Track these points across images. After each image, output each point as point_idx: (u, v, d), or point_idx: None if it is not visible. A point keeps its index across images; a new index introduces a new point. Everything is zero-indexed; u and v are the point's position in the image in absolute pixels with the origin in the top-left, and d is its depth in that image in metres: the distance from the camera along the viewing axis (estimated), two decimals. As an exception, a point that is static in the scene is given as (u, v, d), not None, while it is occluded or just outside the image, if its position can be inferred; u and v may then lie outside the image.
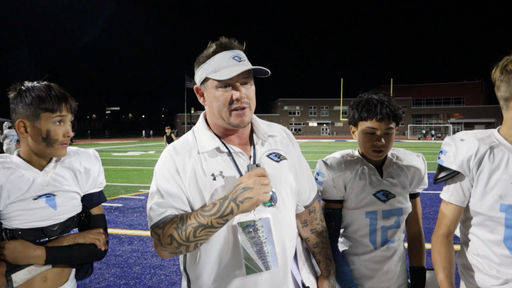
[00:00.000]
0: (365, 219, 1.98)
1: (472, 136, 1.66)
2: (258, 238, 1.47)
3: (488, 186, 1.59)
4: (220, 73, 1.48)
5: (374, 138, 1.92)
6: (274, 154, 1.64)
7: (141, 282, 4.49)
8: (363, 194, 1.98)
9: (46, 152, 1.70)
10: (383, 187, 1.99)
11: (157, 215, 1.47)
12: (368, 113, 1.92)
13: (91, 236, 1.76)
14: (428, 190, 10.43)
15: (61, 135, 1.69)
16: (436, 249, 1.75)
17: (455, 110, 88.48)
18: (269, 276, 1.53)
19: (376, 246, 2.00)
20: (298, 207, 1.76)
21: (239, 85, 1.50)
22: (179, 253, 1.46)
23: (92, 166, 1.86)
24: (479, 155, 1.61)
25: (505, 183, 1.56)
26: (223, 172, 1.52)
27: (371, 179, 1.99)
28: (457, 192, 1.70)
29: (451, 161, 1.68)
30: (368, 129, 1.93)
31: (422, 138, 61.29)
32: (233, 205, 1.38)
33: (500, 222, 1.58)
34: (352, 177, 1.99)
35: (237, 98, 1.49)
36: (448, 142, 1.72)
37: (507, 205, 1.55)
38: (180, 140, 1.64)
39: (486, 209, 1.61)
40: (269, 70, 1.53)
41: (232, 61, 1.50)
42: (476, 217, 1.68)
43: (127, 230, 6.68)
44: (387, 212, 1.97)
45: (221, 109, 1.51)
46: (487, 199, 1.60)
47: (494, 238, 1.61)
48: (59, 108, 1.67)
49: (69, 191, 1.75)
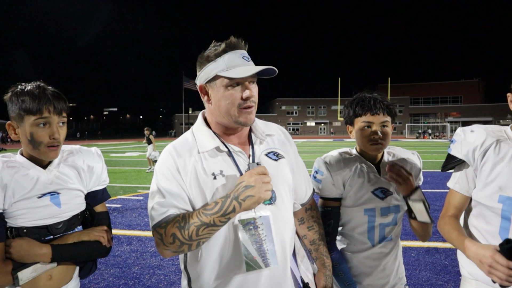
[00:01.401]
0: (364, 217, 2.01)
1: (483, 128, 1.75)
2: (258, 235, 1.49)
3: (490, 177, 1.65)
4: (233, 72, 1.49)
5: (371, 132, 1.96)
6: (272, 153, 1.66)
7: (140, 282, 4.51)
8: (361, 191, 2.00)
9: (35, 155, 1.69)
10: (381, 184, 2.01)
11: (159, 215, 1.48)
12: (362, 109, 1.98)
13: (96, 234, 1.77)
14: (427, 188, 10.47)
15: (46, 137, 1.65)
16: (443, 222, 1.80)
17: (452, 109, 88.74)
18: (269, 273, 1.55)
19: (373, 243, 2.02)
20: (295, 205, 1.78)
21: (248, 84, 1.53)
22: (181, 252, 1.47)
23: (95, 164, 1.88)
24: (485, 146, 1.68)
25: (506, 175, 1.62)
26: (224, 171, 1.54)
27: (369, 176, 2.02)
28: (461, 180, 1.78)
29: (458, 150, 1.77)
30: (364, 124, 1.98)
31: (420, 137, 61.46)
32: (235, 203, 1.40)
33: (497, 213, 1.64)
34: (350, 175, 2.02)
35: (248, 96, 1.52)
36: (458, 132, 1.81)
37: (506, 197, 1.61)
38: (180, 139, 1.65)
39: (485, 199, 1.67)
40: (275, 68, 1.55)
41: (242, 61, 1.52)
42: (476, 207, 1.75)
43: (126, 231, 6.70)
44: (385, 209, 2.00)
45: (230, 108, 1.53)
46: (487, 189, 1.66)
47: (491, 229, 1.66)
48: (40, 111, 1.63)
49: (73, 189, 1.77)
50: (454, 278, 4.47)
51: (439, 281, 4.43)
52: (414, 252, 5.41)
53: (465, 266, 1.80)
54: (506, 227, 1.63)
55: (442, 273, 4.64)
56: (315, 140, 55.22)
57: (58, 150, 1.72)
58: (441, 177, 12.64)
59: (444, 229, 1.79)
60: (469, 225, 1.80)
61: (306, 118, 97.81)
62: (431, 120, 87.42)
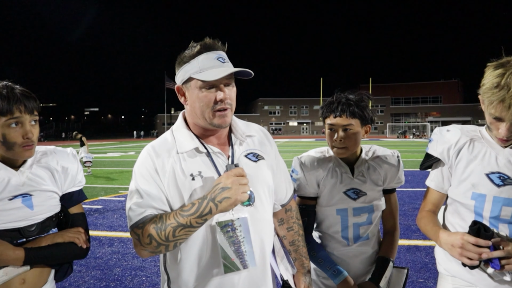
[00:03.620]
0: (337, 216, 2.05)
1: (458, 128, 1.82)
2: (236, 237, 1.49)
3: (464, 175, 1.72)
4: (205, 74, 1.48)
5: (334, 135, 1.98)
6: (252, 154, 1.66)
7: (122, 284, 4.46)
8: (333, 192, 2.03)
9: (9, 156, 1.66)
10: (354, 185, 2.04)
11: (136, 215, 1.47)
12: (327, 111, 2.01)
13: (70, 235, 1.74)
14: (407, 187, 10.61)
15: (19, 137, 1.62)
16: (421, 216, 1.87)
17: (432, 109, 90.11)
18: (248, 275, 1.55)
19: (349, 242, 2.06)
20: (275, 206, 1.78)
21: (223, 86, 1.51)
22: (158, 252, 1.46)
23: (70, 164, 1.84)
24: (459, 145, 1.75)
25: (479, 173, 1.68)
26: (202, 172, 1.53)
27: (342, 177, 2.04)
28: (437, 178, 1.85)
29: (434, 148, 1.83)
30: (329, 126, 2.02)
31: (401, 136, 62.26)
32: (212, 205, 1.39)
33: (470, 209, 1.70)
34: (324, 175, 2.05)
35: (221, 99, 1.50)
36: (436, 132, 1.88)
37: (478, 194, 1.67)
38: (159, 139, 1.64)
39: (459, 196, 1.73)
40: (249, 69, 1.54)
41: (216, 62, 1.51)
42: (451, 205, 1.81)
43: (107, 232, 6.62)
44: (357, 209, 2.04)
45: (205, 110, 1.52)
46: (461, 186, 1.72)
47: (465, 225, 1.71)
48: (11, 111, 1.59)
49: (46, 190, 1.73)
50: (434, 275, 4.53)
51: (420, 278, 4.49)
52: (395, 250, 5.45)
53: (442, 263, 1.84)
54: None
55: (423, 271, 4.70)
56: (297, 140, 55.45)
57: (33, 149, 1.68)
58: (421, 176, 12.81)
59: (421, 222, 1.86)
60: (446, 222, 1.86)
61: (288, 118, 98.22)
62: (411, 120, 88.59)
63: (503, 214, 1.63)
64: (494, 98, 1.53)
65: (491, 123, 1.63)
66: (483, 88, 1.59)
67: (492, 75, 1.56)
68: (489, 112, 1.59)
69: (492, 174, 1.65)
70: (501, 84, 1.51)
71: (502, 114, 1.54)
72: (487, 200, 1.64)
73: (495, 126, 1.62)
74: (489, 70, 1.59)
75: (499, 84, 1.51)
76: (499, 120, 1.58)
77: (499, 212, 1.63)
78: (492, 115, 1.58)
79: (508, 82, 1.49)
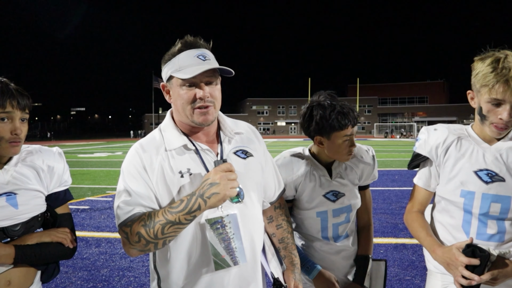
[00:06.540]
0: (317, 219, 2.06)
1: (445, 127, 1.84)
2: (226, 234, 1.49)
3: (452, 173, 1.74)
4: (183, 72, 1.49)
5: (350, 146, 1.98)
6: (241, 151, 1.66)
7: (109, 284, 4.42)
8: (313, 195, 2.04)
9: None
10: (333, 187, 2.05)
11: (124, 213, 1.46)
12: (344, 123, 1.96)
13: (58, 235, 1.71)
14: (394, 186, 10.70)
15: (7, 133, 1.60)
16: (411, 218, 1.87)
17: (419, 108, 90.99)
18: (238, 271, 1.54)
19: (329, 241, 2.09)
20: (264, 203, 1.79)
21: (203, 84, 1.51)
22: (147, 250, 1.45)
23: (56, 164, 1.81)
24: (447, 143, 1.77)
25: (467, 171, 1.70)
26: (191, 169, 1.53)
27: (320, 180, 2.05)
28: (425, 176, 1.86)
29: (422, 147, 1.84)
30: (346, 137, 1.97)
31: (388, 136, 62.77)
32: (201, 201, 1.39)
33: (459, 207, 1.72)
34: (302, 179, 2.04)
35: (200, 97, 1.50)
36: (423, 131, 1.90)
37: (466, 191, 1.69)
38: (147, 137, 1.63)
39: (448, 194, 1.75)
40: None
41: (196, 60, 1.51)
42: (440, 203, 1.83)
43: (94, 233, 6.56)
44: (337, 210, 2.06)
45: (185, 107, 1.53)
46: (450, 184, 1.74)
47: (454, 223, 1.74)
48: (3, 105, 1.58)
49: (31, 189, 1.69)
50: (421, 273, 4.58)
51: (407, 276, 4.53)
52: (383, 248, 5.52)
53: (431, 260, 1.86)
54: (468, 220, 1.71)
55: (410, 269, 4.75)
56: (285, 140, 55.55)
57: (19, 147, 1.66)
58: (408, 175, 12.92)
59: (412, 226, 1.85)
60: (434, 221, 1.87)
61: (276, 118, 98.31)
62: (398, 120, 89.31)
63: (492, 211, 1.65)
64: (496, 79, 1.53)
65: (489, 111, 1.61)
66: (479, 76, 1.60)
67: (485, 63, 1.59)
68: (489, 97, 1.58)
69: (480, 171, 1.67)
70: (500, 67, 1.53)
71: (505, 95, 1.54)
72: (476, 197, 1.67)
73: (494, 113, 1.60)
74: (479, 63, 1.61)
75: (497, 68, 1.54)
76: (499, 105, 1.58)
77: (488, 209, 1.65)
78: (492, 101, 1.58)
79: (506, 65, 1.53)
